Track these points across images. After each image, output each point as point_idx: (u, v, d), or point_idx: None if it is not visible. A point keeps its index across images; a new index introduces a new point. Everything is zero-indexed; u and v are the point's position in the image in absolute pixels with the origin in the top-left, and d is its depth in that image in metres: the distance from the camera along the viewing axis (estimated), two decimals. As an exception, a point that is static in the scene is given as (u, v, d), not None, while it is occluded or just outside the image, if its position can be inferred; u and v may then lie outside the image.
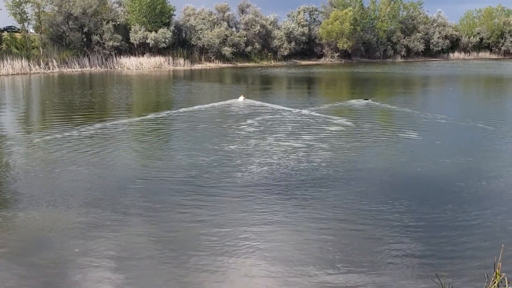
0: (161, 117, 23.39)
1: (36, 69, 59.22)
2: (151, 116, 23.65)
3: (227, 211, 10.22)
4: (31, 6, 64.06)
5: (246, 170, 13.25)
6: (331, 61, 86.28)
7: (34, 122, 23.16)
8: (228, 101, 29.60)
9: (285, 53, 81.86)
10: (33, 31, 67.23)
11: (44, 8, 65.22)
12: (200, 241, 8.81)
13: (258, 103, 28.29)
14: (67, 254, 8.38)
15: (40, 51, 62.85)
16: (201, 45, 74.35)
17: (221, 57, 75.63)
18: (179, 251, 8.44)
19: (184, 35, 76.43)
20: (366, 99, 28.26)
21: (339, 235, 9.05)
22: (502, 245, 7.31)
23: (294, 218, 9.81)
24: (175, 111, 25.23)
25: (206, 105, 27.34)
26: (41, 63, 60.42)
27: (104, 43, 66.59)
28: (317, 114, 23.40)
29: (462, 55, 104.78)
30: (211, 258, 8.17)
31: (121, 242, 8.83)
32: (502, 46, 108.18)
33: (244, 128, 19.88)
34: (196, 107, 26.63)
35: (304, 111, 24.51)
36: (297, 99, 31.63)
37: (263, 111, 24.81)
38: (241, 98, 29.95)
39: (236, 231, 9.20)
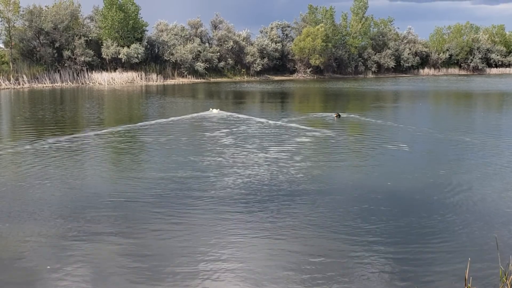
0: (133, 131, 23.21)
1: (6, 85, 58.38)
2: (123, 130, 23.44)
3: (200, 226, 10.15)
4: (1, 21, 63.41)
5: (220, 184, 13.20)
6: (303, 76, 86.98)
7: (4, 137, 22.74)
8: (202, 113, 29.82)
9: (258, 69, 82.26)
10: (3, 46, 66.34)
11: (14, 23, 64.53)
12: (174, 257, 8.73)
13: (232, 115, 28.32)
14: (39, 271, 8.22)
15: (10, 66, 61.99)
16: (173, 60, 74.28)
17: (194, 72, 75.65)
18: (152, 267, 8.34)
19: (156, 51, 76.26)
20: (338, 115, 28.30)
21: (312, 250, 9.06)
22: (469, 259, 7.40)
23: (268, 233, 9.80)
24: (148, 124, 25.07)
25: (180, 117, 27.26)
26: (11, 78, 59.60)
27: (75, 58, 66.06)
28: (291, 127, 23.49)
29: (432, 71, 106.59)
30: (184, 274, 8.10)
31: (94, 258, 8.69)
32: (471, 62, 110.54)
33: (217, 140, 19.83)
34: (168, 119, 26.53)
35: (278, 124, 24.61)
36: (270, 113, 31.74)
37: (237, 123, 24.81)
38: (216, 110, 30.44)
39: (210, 246, 9.14)
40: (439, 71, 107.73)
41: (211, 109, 31.09)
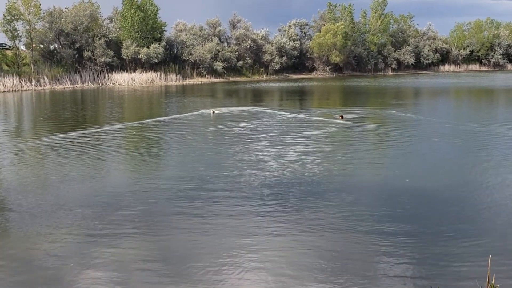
0: (154, 127, 23.33)
1: (28, 86, 59.10)
2: (145, 126, 23.59)
3: (223, 224, 10.18)
4: (22, 23, 64.10)
5: (240, 180, 13.20)
6: (322, 74, 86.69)
7: (28, 135, 23.00)
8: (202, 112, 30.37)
9: (277, 67, 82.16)
10: (24, 48, 67.14)
11: (35, 25, 65.24)
12: (195, 255, 8.76)
13: (250, 112, 28.35)
14: (62, 269, 8.29)
15: (31, 68, 62.77)
16: (192, 60, 74.51)
17: (213, 72, 75.81)
18: (175, 265, 8.38)
19: (175, 51, 76.58)
20: (341, 116, 27.31)
21: (333, 247, 9.03)
22: (490, 256, 7.30)
23: (290, 230, 9.79)
24: (168, 120, 25.23)
25: (198, 112, 27.43)
26: (32, 80, 60.31)
27: (95, 59, 66.62)
28: (311, 120, 23.42)
29: (452, 68, 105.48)
30: (206, 271, 8.13)
31: (117, 256, 8.75)
32: (491, 58, 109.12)
33: (236, 136, 19.83)
34: (187, 114, 26.68)
35: (299, 118, 24.56)
36: (290, 109, 31.66)
37: (256, 119, 24.82)
38: (217, 111, 30.99)
39: (232, 244, 9.16)
40: (459, 67, 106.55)
41: (212, 110, 31.37)
